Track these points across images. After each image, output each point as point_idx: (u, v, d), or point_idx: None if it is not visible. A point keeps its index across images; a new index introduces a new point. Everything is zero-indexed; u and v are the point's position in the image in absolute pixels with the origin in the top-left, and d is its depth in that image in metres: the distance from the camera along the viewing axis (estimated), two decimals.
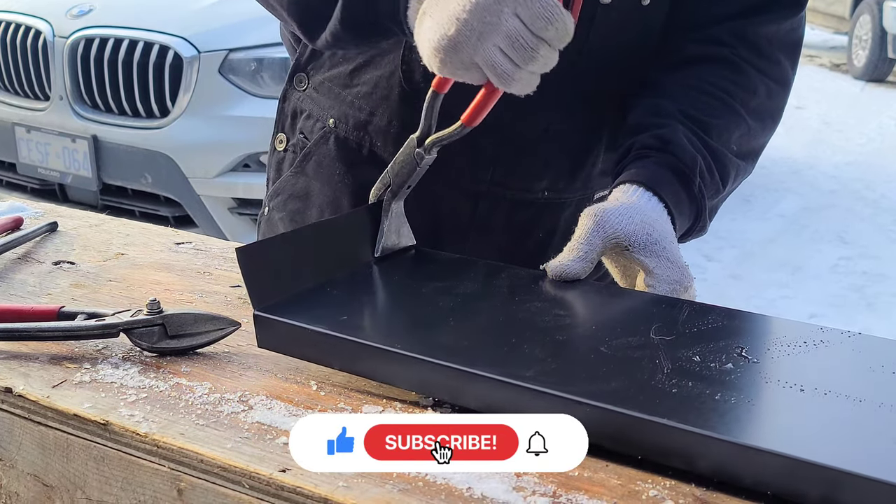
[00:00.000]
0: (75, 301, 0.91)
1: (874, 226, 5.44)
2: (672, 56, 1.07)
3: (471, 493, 0.61)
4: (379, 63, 1.09)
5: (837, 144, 7.28)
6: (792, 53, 1.09)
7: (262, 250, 0.83)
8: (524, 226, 1.13)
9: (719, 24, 1.06)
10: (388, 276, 0.90)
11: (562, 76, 1.04)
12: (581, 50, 1.02)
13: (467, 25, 0.79)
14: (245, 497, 0.63)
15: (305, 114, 1.17)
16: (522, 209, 1.12)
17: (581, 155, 1.12)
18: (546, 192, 1.12)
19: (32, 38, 3.85)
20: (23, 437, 0.74)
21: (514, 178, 1.10)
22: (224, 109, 3.50)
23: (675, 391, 0.66)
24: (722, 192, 1.04)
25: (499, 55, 0.80)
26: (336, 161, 1.13)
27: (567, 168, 1.12)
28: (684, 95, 1.03)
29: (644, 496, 0.61)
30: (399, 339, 0.74)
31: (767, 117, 1.08)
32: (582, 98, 1.08)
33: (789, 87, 1.10)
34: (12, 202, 1.21)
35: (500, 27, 0.78)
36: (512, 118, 1.06)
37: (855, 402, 0.66)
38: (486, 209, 1.11)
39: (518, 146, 1.08)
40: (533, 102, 1.06)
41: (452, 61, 0.81)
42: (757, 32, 1.06)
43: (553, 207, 1.14)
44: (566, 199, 1.14)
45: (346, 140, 1.12)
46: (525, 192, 1.11)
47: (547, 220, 1.14)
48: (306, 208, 1.16)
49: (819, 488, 0.58)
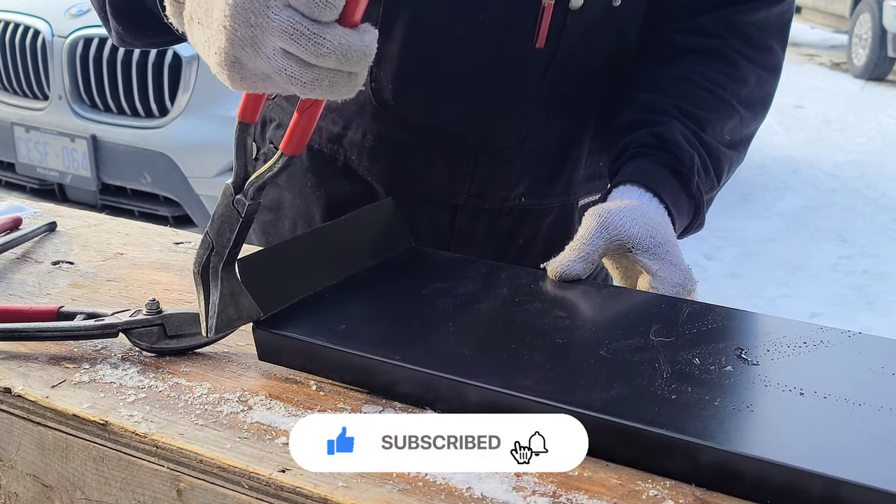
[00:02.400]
0: (74, 301, 0.91)
1: (874, 224, 5.44)
2: (662, 48, 1.06)
3: (471, 493, 0.61)
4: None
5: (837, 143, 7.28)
6: (782, 37, 1.08)
7: (263, 261, 0.82)
8: (505, 234, 1.12)
9: (708, 13, 1.05)
10: (386, 280, 0.89)
11: (536, 83, 1.03)
12: (554, 55, 1.01)
13: (235, 34, 0.65)
14: (244, 497, 0.63)
15: (275, 123, 1.14)
16: (502, 217, 1.11)
17: (559, 161, 1.11)
18: (523, 199, 1.10)
19: (31, 37, 3.85)
20: (22, 438, 0.74)
21: (491, 188, 1.08)
22: (223, 109, 3.50)
23: (674, 397, 0.66)
24: (717, 186, 1.04)
25: (283, 59, 0.65)
26: (308, 172, 1.11)
27: (544, 175, 1.10)
28: (677, 89, 1.02)
29: (644, 496, 0.61)
30: (398, 349, 0.73)
31: (758, 105, 1.07)
32: (559, 105, 1.06)
33: (780, 71, 1.09)
34: (11, 202, 1.21)
35: (271, 25, 0.64)
36: (488, 130, 1.05)
37: (855, 405, 0.66)
38: (465, 220, 1.10)
39: (495, 157, 1.07)
40: (509, 112, 1.05)
41: (242, 77, 0.67)
42: (746, 21, 1.04)
43: (533, 214, 1.12)
44: (546, 205, 1.12)
45: (320, 152, 1.10)
46: (503, 200, 1.10)
47: (527, 227, 1.12)
48: (278, 220, 1.14)
49: (819, 496, 0.57)
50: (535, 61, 1.01)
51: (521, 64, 1.01)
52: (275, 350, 0.77)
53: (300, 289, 0.83)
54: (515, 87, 1.03)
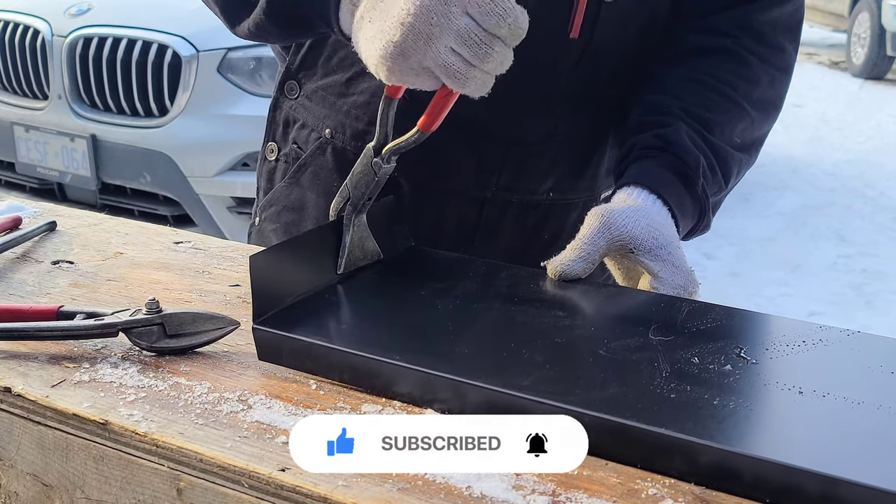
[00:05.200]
0: (74, 300, 0.91)
1: (873, 223, 5.44)
2: (673, 48, 1.06)
3: (470, 493, 0.61)
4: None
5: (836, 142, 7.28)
6: (794, 37, 1.08)
7: (273, 258, 0.82)
8: (530, 229, 1.12)
9: (720, 12, 1.05)
10: (386, 279, 0.89)
11: (567, 77, 1.03)
12: (587, 46, 1.01)
13: (413, 30, 0.75)
14: (244, 496, 0.63)
15: (299, 123, 1.15)
16: (529, 212, 1.11)
17: (586, 155, 1.11)
18: (551, 194, 1.11)
19: (31, 37, 3.85)
20: (22, 437, 0.74)
21: (520, 182, 1.09)
22: (223, 108, 3.49)
23: (673, 396, 0.66)
24: (725, 189, 1.04)
25: (451, 56, 0.76)
26: (333, 172, 1.11)
27: (572, 169, 1.11)
28: (686, 91, 1.02)
29: (643, 494, 0.61)
30: (398, 349, 0.73)
31: (770, 106, 1.07)
32: (587, 98, 1.07)
33: (791, 72, 1.09)
34: (11, 201, 1.21)
35: (450, 27, 0.75)
36: (518, 122, 1.05)
37: (853, 404, 0.66)
38: (491, 214, 1.10)
39: (524, 150, 1.07)
40: (539, 105, 1.05)
41: (401, 69, 0.78)
42: (760, 20, 1.05)
43: (559, 209, 1.12)
44: (572, 200, 1.13)
45: (344, 151, 1.10)
46: (530, 194, 1.10)
47: (553, 222, 1.13)
48: (301, 220, 1.14)
49: (817, 495, 0.58)
50: (568, 52, 1.01)
51: (554, 55, 1.01)
52: (275, 349, 0.77)
53: (302, 288, 0.83)
54: (547, 78, 1.03)
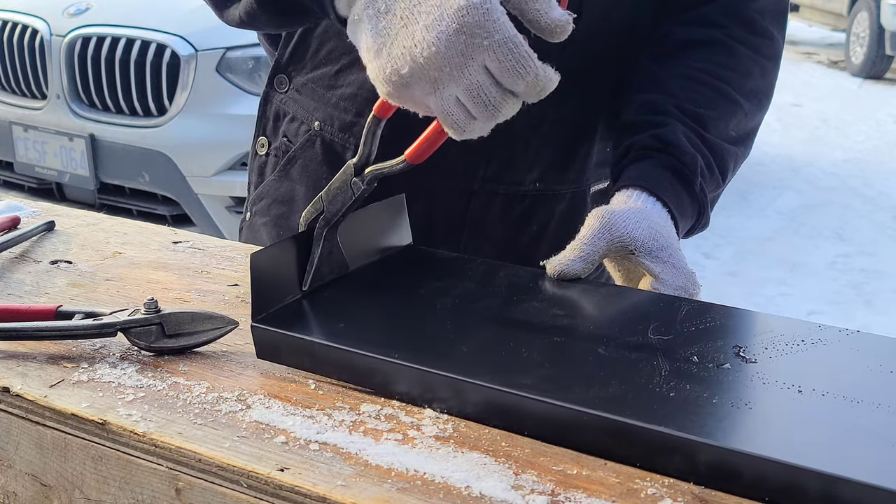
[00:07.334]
0: (73, 300, 0.91)
1: (872, 223, 5.44)
2: (664, 42, 1.06)
3: (469, 492, 0.61)
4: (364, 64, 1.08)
5: (835, 141, 7.29)
6: (782, 25, 1.09)
7: (275, 256, 0.82)
8: (518, 220, 1.13)
9: (710, 3, 1.05)
10: (385, 278, 0.89)
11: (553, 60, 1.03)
12: (571, 36, 1.01)
13: (423, 72, 0.70)
14: (243, 496, 0.63)
15: (289, 116, 1.15)
16: (516, 203, 1.12)
17: (573, 146, 1.11)
18: (537, 184, 1.11)
19: (29, 36, 3.85)
20: (20, 437, 0.74)
21: (506, 172, 1.09)
22: (221, 108, 3.49)
23: (672, 395, 0.66)
24: (722, 185, 1.04)
25: (455, 106, 0.71)
26: (322, 165, 1.11)
27: (558, 159, 1.11)
28: (679, 87, 1.02)
29: (642, 494, 0.61)
30: (397, 348, 0.73)
31: (762, 96, 1.08)
32: (574, 85, 1.06)
33: (780, 60, 1.10)
34: (9, 201, 1.21)
35: (462, 80, 0.70)
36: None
37: (853, 403, 0.66)
38: (479, 205, 1.11)
39: (510, 139, 1.07)
40: None
41: (401, 96, 0.74)
42: (749, 7, 1.05)
43: (546, 200, 1.13)
44: (559, 191, 1.13)
45: (332, 143, 1.11)
46: (517, 185, 1.10)
47: (541, 213, 1.13)
48: (290, 213, 1.15)
49: (817, 494, 0.58)
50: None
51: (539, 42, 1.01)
52: (273, 348, 0.77)
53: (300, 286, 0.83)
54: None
